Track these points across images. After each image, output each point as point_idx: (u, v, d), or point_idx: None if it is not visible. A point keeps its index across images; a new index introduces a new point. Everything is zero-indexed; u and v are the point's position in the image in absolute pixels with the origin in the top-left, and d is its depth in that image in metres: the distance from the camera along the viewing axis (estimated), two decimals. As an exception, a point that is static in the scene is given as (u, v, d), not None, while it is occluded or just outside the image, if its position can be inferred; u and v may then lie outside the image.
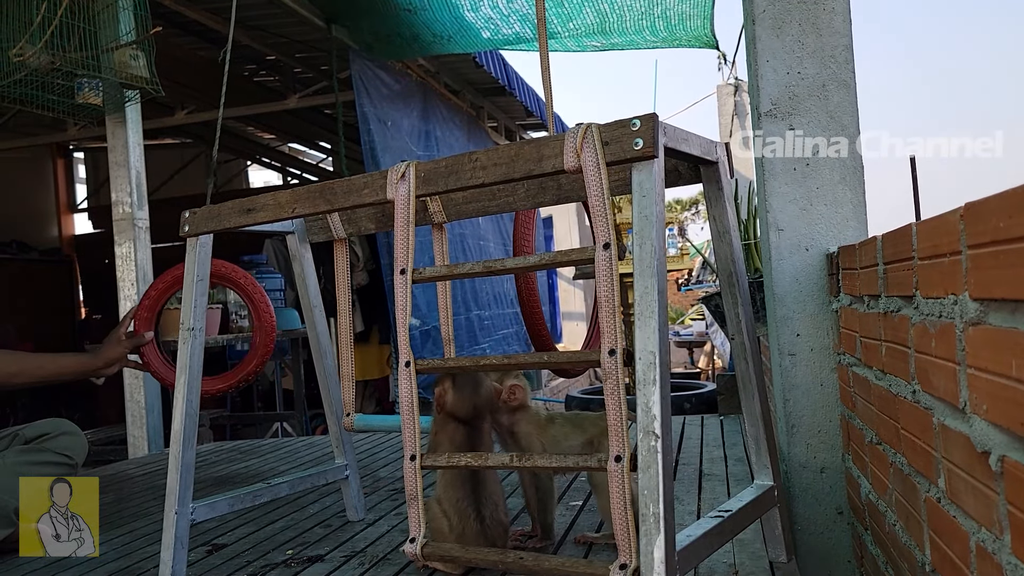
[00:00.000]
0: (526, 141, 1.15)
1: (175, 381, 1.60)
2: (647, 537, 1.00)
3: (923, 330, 1.17)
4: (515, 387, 1.55)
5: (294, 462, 2.88)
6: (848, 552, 2.00)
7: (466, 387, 1.49)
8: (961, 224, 0.96)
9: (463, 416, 1.49)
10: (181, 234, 1.59)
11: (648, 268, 1.05)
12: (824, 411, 2.05)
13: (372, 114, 4.73)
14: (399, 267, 1.27)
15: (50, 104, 3.14)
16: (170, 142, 7.80)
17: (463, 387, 1.48)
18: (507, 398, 1.54)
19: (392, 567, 1.56)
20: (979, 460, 0.96)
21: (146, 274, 3.53)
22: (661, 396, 1.02)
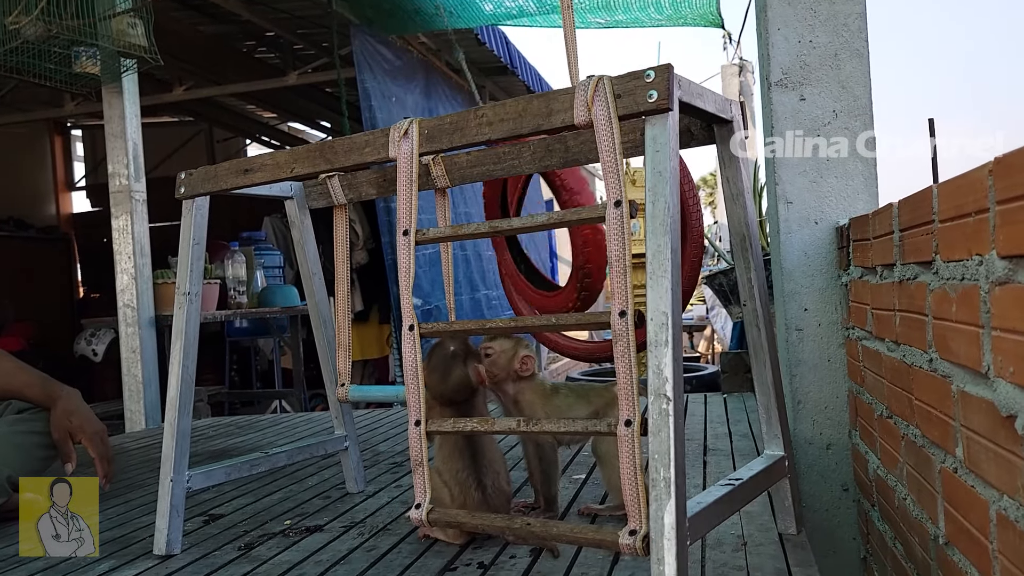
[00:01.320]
0: (535, 95, 1.11)
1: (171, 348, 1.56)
2: (657, 502, 0.96)
3: (943, 295, 1.14)
4: (527, 357, 1.51)
5: (293, 437, 2.86)
6: (854, 529, 1.98)
7: (435, 372, 1.43)
8: (990, 179, 0.92)
9: (440, 401, 1.45)
10: (177, 196, 1.55)
11: (661, 226, 1.01)
12: (831, 387, 2.02)
13: (374, 90, 4.67)
14: (401, 228, 1.23)
15: (47, 73, 3.09)
16: (169, 120, 7.74)
17: (432, 372, 1.43)
18: (519, 367, 1.50)
19: (393, 537, 1.53)
20: (1003, 425, 0.93)
21: (143, 247, 3.49)
22: (673, 358, 0.98)
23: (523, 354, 1.51)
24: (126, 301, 3.47)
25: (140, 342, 3.44)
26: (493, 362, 1.50)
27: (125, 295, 3.47)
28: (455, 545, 1.44)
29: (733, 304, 3.46)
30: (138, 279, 3.45)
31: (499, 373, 1.51)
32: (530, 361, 1.52)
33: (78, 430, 1.81)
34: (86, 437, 1.81)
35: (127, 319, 3.47)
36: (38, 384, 1.90)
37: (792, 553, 1.29)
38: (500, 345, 1.51)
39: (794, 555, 1.29)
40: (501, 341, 1.52)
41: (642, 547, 0.98)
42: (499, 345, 1.51)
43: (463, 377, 1.44)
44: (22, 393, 1.90)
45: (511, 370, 1.51)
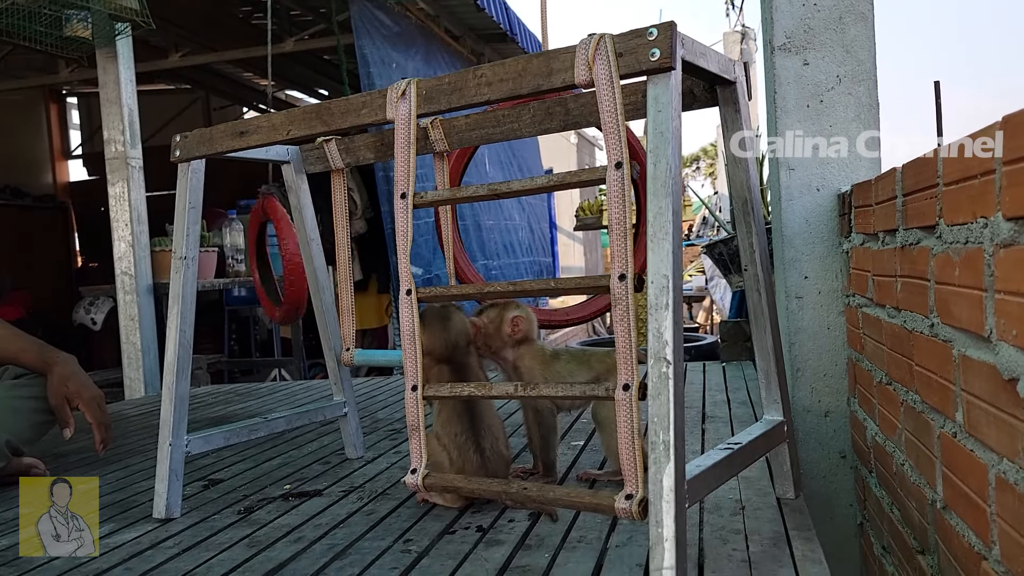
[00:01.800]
0: (534, 54, 1.09)
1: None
2: (656, 465, 0.96)
3: (946, 259, 1.13)
4: (517, 318, 1.50)
5: (292, 404, 2.86)
6: (851, 495, 1.98)
7: (434, 323, 1.44)
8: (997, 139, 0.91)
9: (438, 355, 1.44)
10: (172, 159, 1.53)
11: (663, 187, 0.99)
12: (830, 355, 2.02)
13: (373, 56, 4.61)
14: (399, 191, 1.22)
15: (38, 37, 3.04)
16: (165, 87, 7.65)
17: (431, 323, 1.43)
18: (510, 331, 1.50)
19: (391, 502, 1.53)
20: (1004, 388, 0.92)
21: (140, 215, 3.47)
22: (674, 321, 0.97)
23: (511, 316, 1.50)
24: (124, 269, 3.45)
25: (138, 309, 3.43)
26: (484, 333, 1.50)
27: (123, 262, 3.46)
28: (454, 509, 1.45)
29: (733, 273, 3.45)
30: (135, 246, 3.43)
31: (493, 342, 1.51)
32: (521, 321, 1.50)
33: (75, 395, 1.81)
34: (83, 402, 1.80)
35: (125, 287, 3.46)
36: (34, 350, 1.89)
37: (790, 517, 1.30)
38: (487, 315, 1.52)
39: (792, 519, 1.29)
40: (488, 311, 1.52)
41: (639, 511, 0.98)
42: (486, 316, 1.52)
43: (462, 323, 1.45)
44: (18, 359, 1.89)
45: (504, 335, 1.50)
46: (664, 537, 0.94)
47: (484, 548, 1.24)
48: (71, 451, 2.16)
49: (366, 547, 1.29)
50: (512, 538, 1.28)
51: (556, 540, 1.25)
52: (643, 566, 1.11)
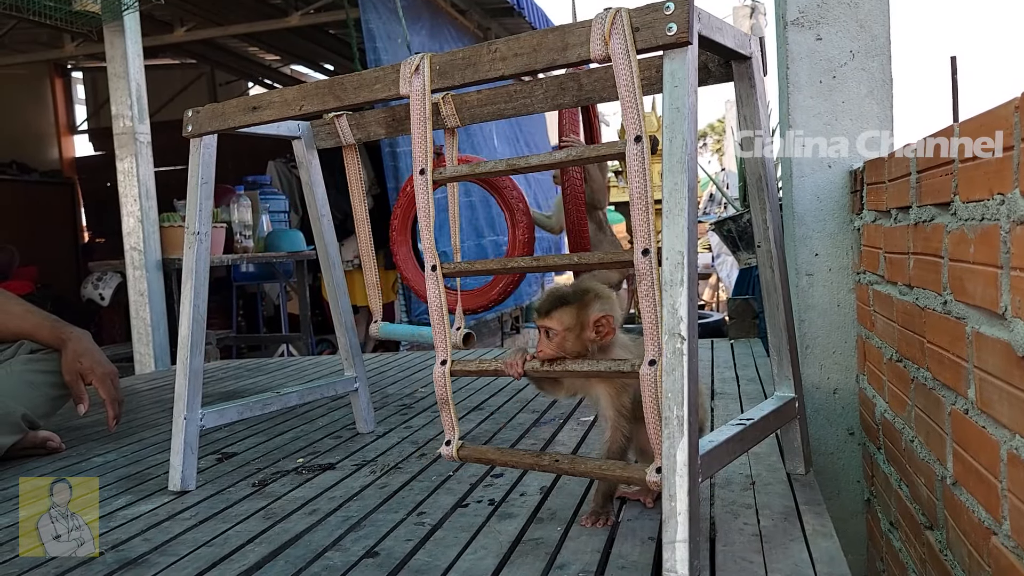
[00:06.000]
0: (550, 28, 1.08)
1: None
2: (670, 440, 0.97)
3: (960, 236, 1.12)
4: (602, 320, 1.13)
5: (302, 379, 2.88)
6: (858, 472, 2.00)
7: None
8: (1015, 116, 0.90)
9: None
10: (184, 134, 1.53)
11: (679, 163, 0.99)
12: (840, 332, 2.02)
13: (380, 30, 4.58)
14: (418, 167, 1.22)
15: (46, 11, 3.03)
16: (170, 62, 7.62)
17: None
18: (594, 337, 1.14)
19: (404, 475, 1.55)
20: (1018, 365, 0.93)
21: (148, 190, 3.47)
22: (688, 297, 0.98)
23: (594, 316, 1.13)
24: (132, 244, 3.46)
25: (147, 285, 3.44)
26: (560, 345, 1.14)
27: (132, 238, 3.46)
28: (466, 483, 1.46)
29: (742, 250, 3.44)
30: (144, 222, 3.44)
31: (573, 352, 1.14)
32: (609, 321, 1.13)
33: (88, 372, 1.83)
34: (96, 379, 1.82)
35: (134, 262, 3.47)
36: (48, 326, 1.91)
37: (800, 492, 1.31)
38: (560, 317, 1.13)
39: (802, 494, 1.30)
40: (560, 312, 1.14)
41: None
42: (559, 318, 1.13)
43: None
44: (33, 335, 1.91)
45: (586, 341, 1.14)
46: (678, 511, 0.95)
47: (497, 521, 1.26)
48: (86, 424, 2.18)
49: (380, 519, 1.30)
50: (524, 511, 1.29)
51: (568, 514, 1.27)
52: (655, 539, 1.13)
